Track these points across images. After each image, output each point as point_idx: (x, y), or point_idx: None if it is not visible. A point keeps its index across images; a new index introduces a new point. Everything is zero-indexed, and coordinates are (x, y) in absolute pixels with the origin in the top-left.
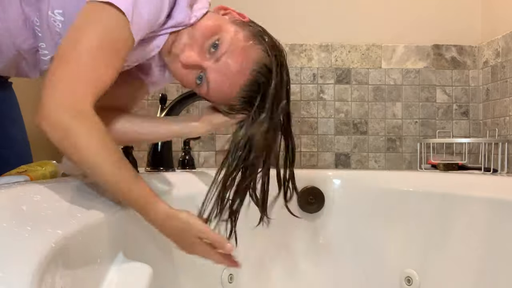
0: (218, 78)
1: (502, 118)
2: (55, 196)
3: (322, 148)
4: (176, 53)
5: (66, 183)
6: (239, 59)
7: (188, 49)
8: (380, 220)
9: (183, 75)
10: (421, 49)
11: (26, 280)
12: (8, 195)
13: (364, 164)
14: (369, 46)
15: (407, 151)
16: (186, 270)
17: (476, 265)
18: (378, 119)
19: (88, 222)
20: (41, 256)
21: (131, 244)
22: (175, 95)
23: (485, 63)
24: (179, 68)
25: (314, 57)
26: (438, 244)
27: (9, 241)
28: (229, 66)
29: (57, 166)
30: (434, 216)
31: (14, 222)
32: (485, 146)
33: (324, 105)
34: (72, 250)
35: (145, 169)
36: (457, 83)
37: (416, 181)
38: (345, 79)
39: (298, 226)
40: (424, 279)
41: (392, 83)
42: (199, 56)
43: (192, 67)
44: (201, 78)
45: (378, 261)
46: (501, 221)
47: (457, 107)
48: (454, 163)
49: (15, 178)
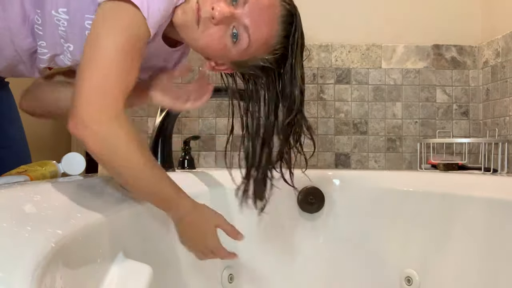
0: (255, 19)
1: (502, 118)
2: (55, 196)
3: (322, 148)
4: (206, 15)
5: (66, 183)
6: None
7: (216, 5)
8: (380, 220)
9: (219, 38)
10: (421, 49)
11: (26, 280)
12: (8, 195)
13: (364, 164)
14: (369, 46)
15: (407, 151)
16: (186, 270)
17: (476, 265)
18: (378, 119)
19: (88, 222)
20: (41, 256)
21: (131, 244)
22: None
23: (485, 63)
24: (214, 32)
25: (314, 57)
26: (438, 244)
27: (9, 241)
28: (260, 3)
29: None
30: (434, 216)
31: (14, 222)
32: (485, 146)
33: (324, 105)
34: (72, 250)
35: None
36: (457, 83)
37: (416, 181)
38: (345, 79)
39: (298, 226)
40: (424, 279)
41: (392, 83)
42: (229, 7)
43: (227, 21)
44: (236, 34)
45: (378, 261)
46: (501, 221)
47: (457, 107)
48: (454, 163)
49: (15, 178)
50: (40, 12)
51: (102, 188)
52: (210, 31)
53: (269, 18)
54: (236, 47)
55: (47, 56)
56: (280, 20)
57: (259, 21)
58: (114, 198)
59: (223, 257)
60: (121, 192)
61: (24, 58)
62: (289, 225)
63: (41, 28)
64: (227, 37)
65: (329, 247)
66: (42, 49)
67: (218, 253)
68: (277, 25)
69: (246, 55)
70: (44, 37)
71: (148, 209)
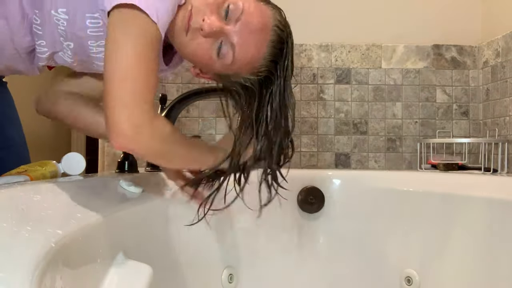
0: (244, 38)
1: (502, 118)
2: (55, 196)
3: (322, 148)
4: (195, 26)
5: (66, 183)
6: (258, 17)
7: (206, 19)
8: (380, 220)
9: (205, 49)
10: (421, 49)
11: (26, 280)
12: (8, 195)
13: (364, 164)
14: (369, 46)
15: (407, 151)
16: (186, 270)
17: (476, 265)
18: (378, 119)
19: (88, 222)
20: (41, 256)
21: (131, 244)
22: (175, 95)
23: (485, 63)
24: (201, 43)
25: (314, 57)
26: (438, 244)
27: (9, 241)
28: (250, 25)
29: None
30: (434, 216)
31: (14, 222)
32: (485, 146)
33: (324, 105)
34: (72, 250)
35: (145, 169)
36: (457, 83)
37: (416, 181)
38: (345, 79)
39: (298, 226)
40: (424, 279)
41: (392, 83)
42: (220, 22)
43: (215, 35)
44: (222, 49)
45: (378, 261)
46: (501, 221)
47: (457, 107)
48: (454, 163)
49: (15, 178)
50: (38, 12)
51: (102, 188)
52: (198, 40)
53: (258, 40)
54: (220, 61)
55: (46, 54)
56: (269, 44)
57: (247, 41)
58: (114, 198)
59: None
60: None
61: (23, 57)
62: (289, 225)
63: (40, 28)
64: (213, 49)
65: (329, 247)
66: (41, 48)
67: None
68: (265, 49)
69: (230, 70)
70: (43, 36)
71: (148, 209)
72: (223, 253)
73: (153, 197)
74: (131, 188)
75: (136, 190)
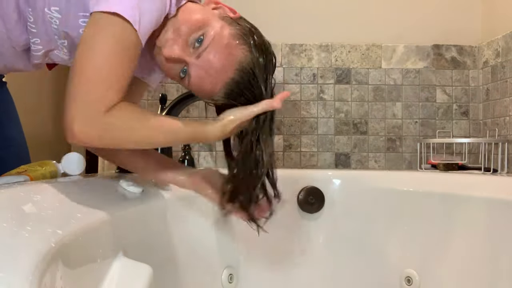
0: (199, 75)
1: (502, 118)
2: (55, 196)
3: (322, 148)
4: (159, 46)
5: (66, 183)
6: (221, 57)
7: (171, 43)
8: (380, 220)
9: (168, 67)
10: (421, 49)
11: (26, 280)
12: (8, 195)
13: (364, 164)
14: (369, 46)
15: (407, 151)
16: (186, 270)
17: (476, 265)
18: (378, 119)
19: (88, 222)
20: (41, 256)
21: (131, 244)
22: (175, 95)
23: (485, 63)
24: (163, 61)
25: (314, 57)
26: (438, 244)
27: (9, 241)
28: (210, 63)
29: (57, 166)
30: (434, 216)
31: (14, 222)
32: (485, 146)
33: (324, 105)
34: (72, 250)
35: None
36: (457, 83)
37: (416, 181)
38: (345, 79)
39: (298, 226)
40: (424, 279)
41: (392, 83)
42: (183, 50)
43: (175, 61)
44: (185, 72)
45: (378, 261)
46: (501, 221)
47: (457, 107)
48: (454, 163)
49: (15, 178)
50: (31, 10)
51: (102, 188)
52: (161, 57)
53: (215, 80)
54: (182, 82)
55: (41, 52)
56: (227, 82)
57: (204, 78)
58: (114, 198)
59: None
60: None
61: (20, 54)
62: (289, 225)
63: (34, 26)
64: (177, 69)
65: (329, 247)
66: (35, 46)
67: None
68: (222, 87)
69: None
70: (38, 34)
71: (148, 209)
72: (223, 253)
73: (153, 197)
74: (131, 188)
75: (136, 190)
